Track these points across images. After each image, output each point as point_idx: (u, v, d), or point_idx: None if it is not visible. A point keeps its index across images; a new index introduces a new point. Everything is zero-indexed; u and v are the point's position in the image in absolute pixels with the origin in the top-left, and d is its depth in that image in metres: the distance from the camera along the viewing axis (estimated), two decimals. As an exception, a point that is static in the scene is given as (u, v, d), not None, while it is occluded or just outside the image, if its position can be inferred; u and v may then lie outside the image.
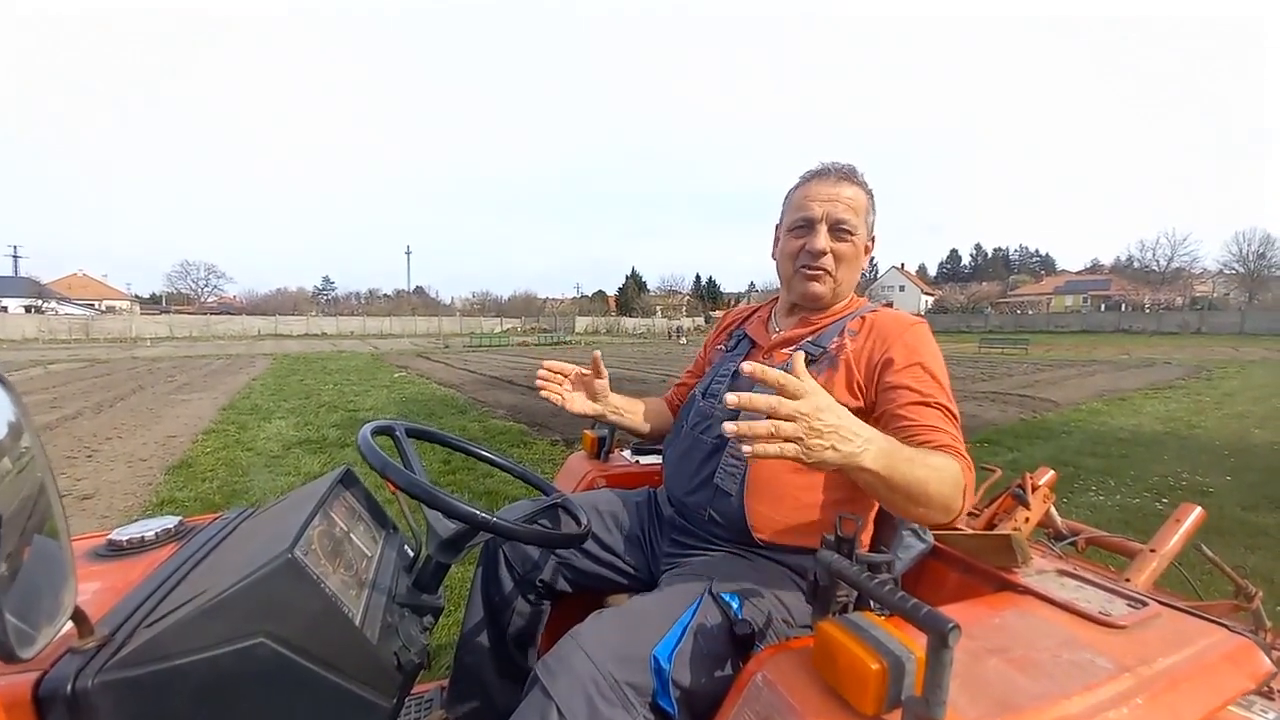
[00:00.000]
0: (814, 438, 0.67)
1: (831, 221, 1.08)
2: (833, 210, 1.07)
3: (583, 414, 1.24)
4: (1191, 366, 14.72)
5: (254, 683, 0.64)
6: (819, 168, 1.14)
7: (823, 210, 1.08)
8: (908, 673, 0.55)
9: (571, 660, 0.77)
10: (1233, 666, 0.76)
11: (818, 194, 1.09)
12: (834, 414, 0.69)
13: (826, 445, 0.68)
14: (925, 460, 0.80)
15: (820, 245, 1.08)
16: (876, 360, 1.00)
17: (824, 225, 1.08)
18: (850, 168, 1.13)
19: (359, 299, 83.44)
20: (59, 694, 0.56)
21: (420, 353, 22.57)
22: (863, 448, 0.71)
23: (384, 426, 1.00)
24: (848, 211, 1.07)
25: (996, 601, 0.88)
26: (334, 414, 7.28)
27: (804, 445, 0.67)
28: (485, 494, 3.82)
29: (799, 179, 1.16)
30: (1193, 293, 54.78)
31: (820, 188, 1.10)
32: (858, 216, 1.08)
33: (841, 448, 0.69)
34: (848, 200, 1.08)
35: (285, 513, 0.84)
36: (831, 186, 1.09)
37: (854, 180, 1.11)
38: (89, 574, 0.80)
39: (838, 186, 1.09)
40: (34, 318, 38.11)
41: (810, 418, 0.67)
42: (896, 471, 0.75)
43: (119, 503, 3.88)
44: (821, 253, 1.08)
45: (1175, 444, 5.66)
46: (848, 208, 1.07)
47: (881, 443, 0.74)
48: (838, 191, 1.08)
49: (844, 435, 0.69)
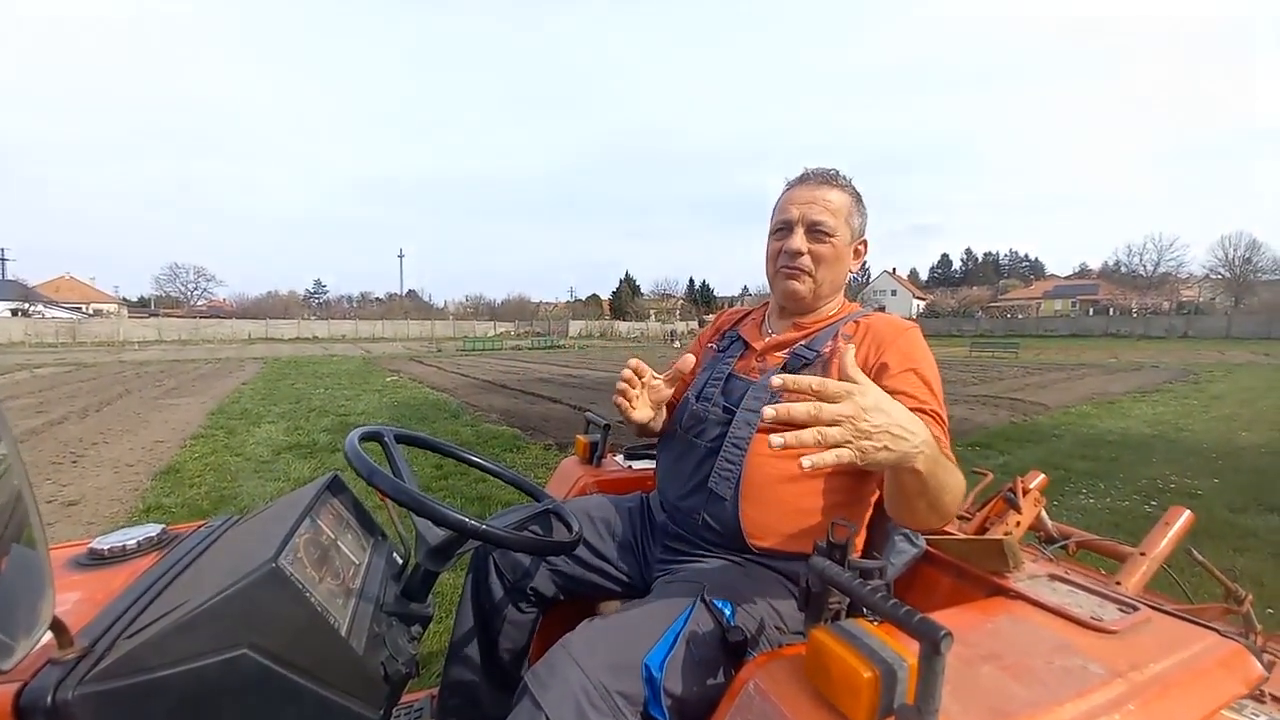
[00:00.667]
0: (863, 439, 0.65)
1: (808, 223, 1.10)
2: (808, 212, 1.10)
3: (638, 422, 1.14)
4: (1179, 370, 14.87)
5: (237, 695, 0.62)
6: (802, 172, 1.17)
7: (800, 213, 1.11)
8: (900, 680, 0.55)
9: (562, 669, 0.76)
10: (1225, 671, 0.76)
11: (796, 197, 1.12)
12: (882, 412, 0.67)
13: (879, 446, 0.66)
14: (950, 468, 0.80)
15: (796, 246, 1.10)
16: (871, 365, 1.01)
17: (801, 227, 1.11)
18: (831, 172, 1.15)
19: (351, 302, 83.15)
20: (39, 705, 0.55)
21: (413, 356, 22.46)
22: (918, 449, 0.70)
23: (372, 432, 0.98)
24: (824, 214, 1.09)
25: (989, 607, 0.88)
26: (325, 418, 7.22)
27: (855, 448, 0.64)
28: (477, 499, 3.79)
29: (785, 184, 1.19)
30: (1179, 297, 55.49)
31: (799, 192, 1.13)
32: (836, 219, 1.10)
33: (895, 447, 0.67)
34: (825, 203, 1.10)
35: (270, 521, 0.83)
36: (811, 190, 1.12)
37: (835, 184, 1.13)
38: (69, 583, 0.79)
39: (817, 190, 1.11)
40: (20, 321, 37.70)
41: (856, 420, 0.65)
42: (935, 477, 0.75)
43: (104, 509, 3.82)
44: (798, 253, 1.10)
45: (1164, 447, 5.71)
46: (824, 209, 1.10)
47: (931, 444, 0.73)
48: (816, 195, 1.11)
49: (895, 434, 0.67)
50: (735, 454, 1.03)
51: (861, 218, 1.15)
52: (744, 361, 1.17)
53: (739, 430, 1.04)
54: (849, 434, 0.64)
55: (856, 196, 1.14)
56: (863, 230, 1.16)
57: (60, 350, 26.61)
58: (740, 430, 1.04)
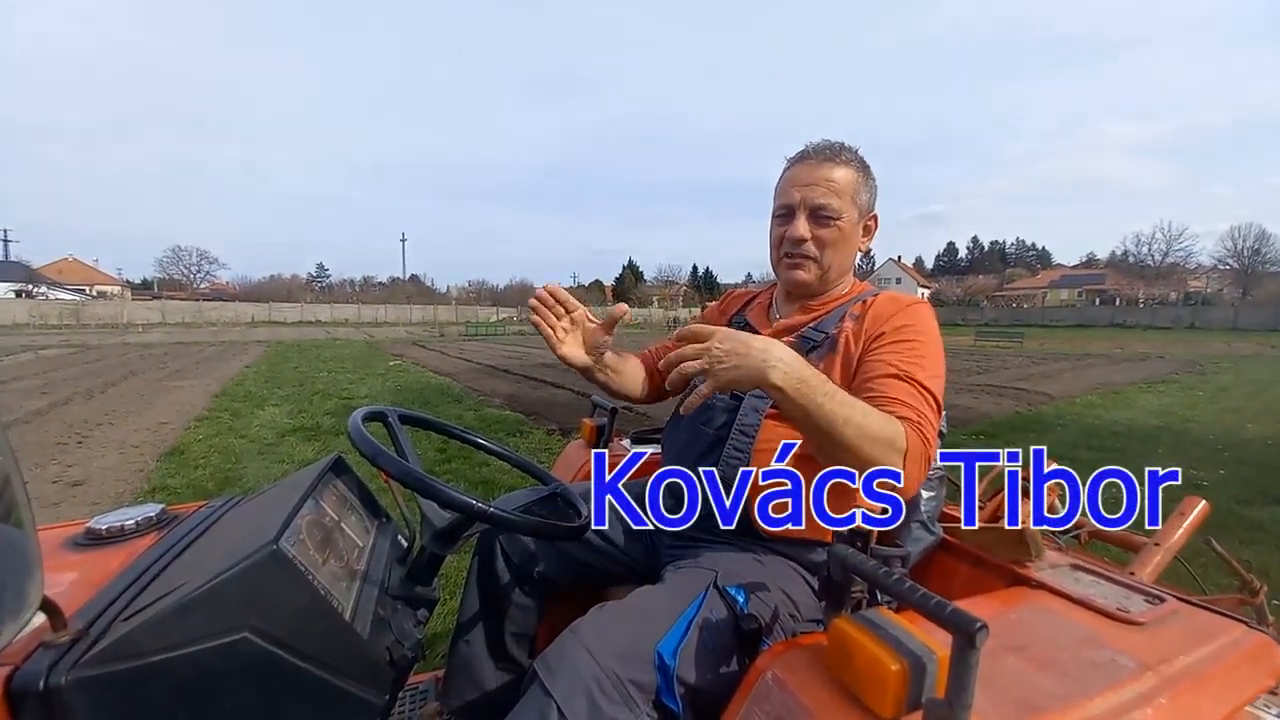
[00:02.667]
0: (716, 364, 0.75)
1: (810, 207, 1.04)
2: (810, 195, 1.03)
3: (569, 361, 1.06)
4: (1185, 361, 14.78)
5: (237, 679, 0.61)
6: (803, 149, 1.09)
7: (801, 196, 1.04)
8: (929, 673, 0.53)
9: (572, 657, 0.74)
10: (1253, 664, 0.74)
11: (798, 179, 1.06)
12: (731, 339, 0.76)
13: (728, 365, 0.75)
14: (852, 403, 0.79)
15: (799, 233, 1.04)
16: (870, 338, 0.98)
17: (803, 212, 1.04)
18: (835, 146, 1.07)
19: (354, 286, 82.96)
20: (31, 690, 0.53)
21: (416, 341, 22.47)
22: (766, 361, 0.75)
23: (376, 412, 0.96)
24: (827, 195, 1.03)
25: (1010, 597, 0.85)
26: (328, 401, 7.22)
27: (710, 372, 0.75)
28: (481, 483, 3.79)
29: (785, 162, 1.12)
30: (1187, 288, 55.11)
31: (800, 172, 1.06)
32: (841, 199, 1.03)
33: (743, 364, 0.75)
34: (828, 184, 1.03)
35: (272, 502, 0.80)
36: (812, 170, 1.05)
37: (838, 160, 1.05)
38: (65, 564, 0.77)
39: (819, 170, 1.04)
40: (24, 303, 37.80)
41: (709, 349, 0.75)
42: (811, 401, 0.76)
43: (110, 489, 3.84)
44: (801, 240, 1.05)
45: (1170, 438, 5.68)
46: (827, 191, 1.03)
47: (798, 368, 0.76)
48: (818, 175, 1.04)
49: (741, 352, 0.75)
50: (743, 441, 1.01)
51: (870, 192, 1.08)
52: None
53: (746, 417, 1.02)
54: (704, 363, 0.75)
55: (864, 169, 1.07)
56: (872, 204, 1.09)
57: (64, 332, 26.69)
58: (748, 417, 1.02)
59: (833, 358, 1.00)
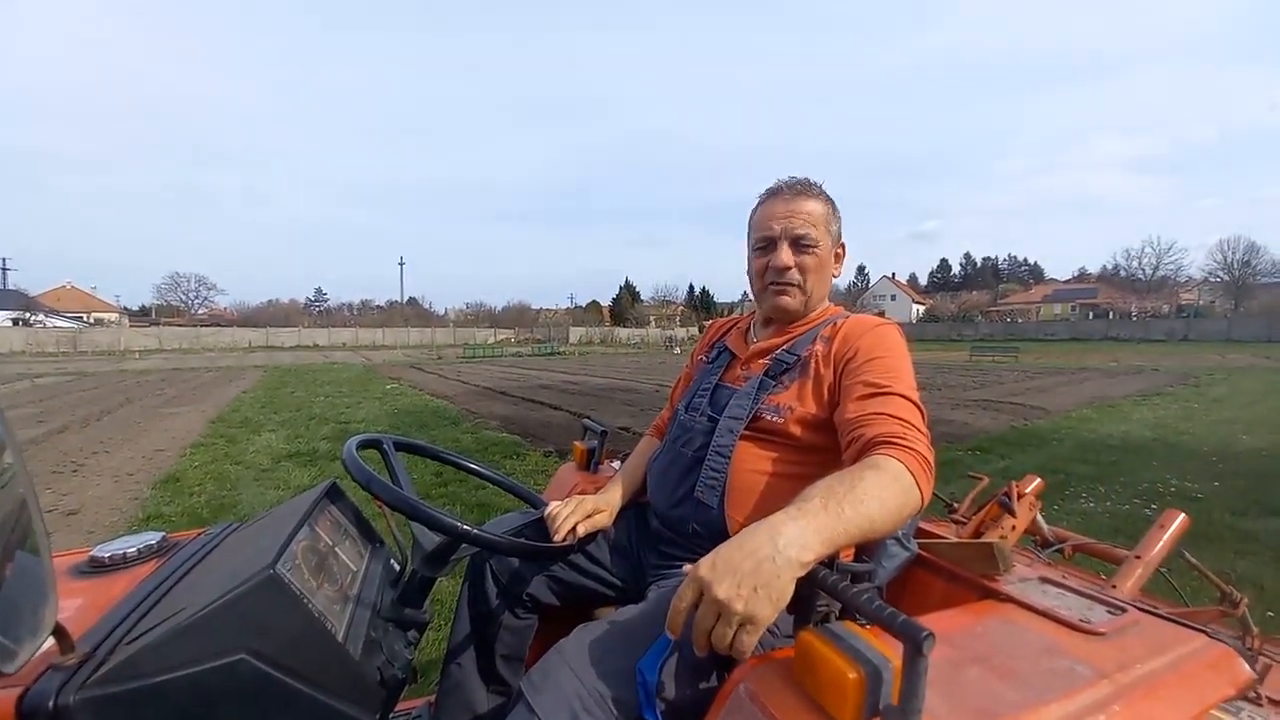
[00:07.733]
0: (740, 603, 0.63)
1: (791, 237, 1.11)
2: (790, 226, 1.11)
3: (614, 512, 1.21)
4: (1179, 374, 14.86)
5: (235, 700, 0.63)
6: (774, 185, 1.17)
7: (781, 227, 1.11)
8: (885, 681, 0.56)
9: (556, 675, 0.77)
10: (1212, 673, 0.76)
11: (775, 212, 1.13)
12: (721, 561, 0.66)
13: (744, 593, 0.64)
14: (861, 491, 0.76)
15: (784, 261, 1.11)
16: (841, 361, 1.03)
17: (785, 241, 1.12)
18: (804, 181, 1.16)
19: (351, 310, 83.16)
20: (41, 709, 0.57)
21: (413, 364, 22.46)
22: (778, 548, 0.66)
23: (370, 440, 1.00)
24: (805, 225, 1.11)
25: (978, 609, 0.88)
26: (325, 426, 7.23)
27: (732, 613, 0.63)
28: (477, 506, 3.80)
29: (758, 199, 1.19)
30: (1179, 301, 55.49)
31: (776, 206, 1.13)
32: (818, 229, 1.11)
33: (758, 576, 0.64)
34: (805, 215, 1.11)
35: (269, 528, 0.84)
36: (787, 204, 1.12)
37: (810, 194, 1.13)
38: (70, 590, 0.80)
39: (794, 203, 1.12)
40: (21, 330, 37.72)
41: (712, 597, 0.64)
42: (847, 533, 0.72)
43: (105, 518, 3.83)
44: (786, 268, 1.12)
45: (1164, 450, 5.71)
46: (805, 221, 1.11)
47: (812, 518, 0.70)
48: (794, 208, 1.12)
49: (741, 565, 0.65)
50: (719, 462, 1.05)
51: (838, 223, 1.17)
52: (730, 371, 1.19)
53: (722, 438, 1.06)
54: (720, 614, 0.64)
55: (830, 202, 1.16)
56: (840, 235, 1.18)
57: (61, 359, 26.64)
58: (723, 438, 1.06)
59: (804, 381, 1.05)
